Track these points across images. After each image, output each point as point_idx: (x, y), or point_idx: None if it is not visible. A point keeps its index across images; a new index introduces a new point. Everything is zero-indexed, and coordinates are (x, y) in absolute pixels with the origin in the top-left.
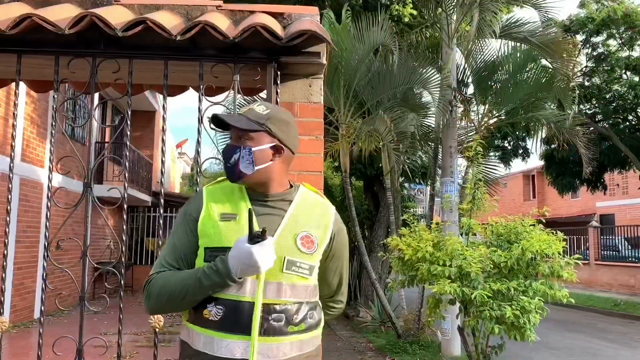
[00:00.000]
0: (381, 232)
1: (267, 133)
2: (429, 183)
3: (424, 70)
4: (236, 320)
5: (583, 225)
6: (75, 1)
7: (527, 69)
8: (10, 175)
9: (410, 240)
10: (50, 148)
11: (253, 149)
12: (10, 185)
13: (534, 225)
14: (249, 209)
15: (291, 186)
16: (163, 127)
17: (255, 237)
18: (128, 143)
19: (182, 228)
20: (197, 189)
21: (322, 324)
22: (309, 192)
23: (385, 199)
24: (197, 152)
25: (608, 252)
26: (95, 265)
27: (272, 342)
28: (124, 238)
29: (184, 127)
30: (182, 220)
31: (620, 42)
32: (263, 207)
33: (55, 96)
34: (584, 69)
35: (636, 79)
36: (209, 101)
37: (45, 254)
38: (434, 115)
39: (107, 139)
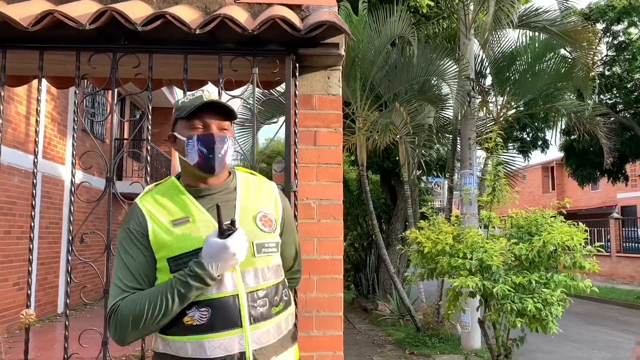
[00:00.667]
0: (399, 226)
1: (231, 123)
2: (447, 176)
3: (442, 62)
4: (224, 317)
5: (604, 217)
6: None
7: (546, 58)
8: (35, 170)
9: (430, 233)
10: (72, 143)
11: (231, 139)
12: (34, 181)
13: (554, 217)
14: (217, 204)
15: (229, 173)
16: None
17: (226, 230)
18: (149, 138)
19: (132, 247)
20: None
21: (292, 301)
22: (246, 175)
23: (402, 192)
24: None
25: (630, 244)
26: None
27: (262, 327)
28: None
29: None
30: (127, 239)
31: None
32: (208, 200)
33: (77, 92)
34: (605, 58)
35: None
36: (229, 95)
37: (70, 248)
38: (451, 107)
39: (125, 136)
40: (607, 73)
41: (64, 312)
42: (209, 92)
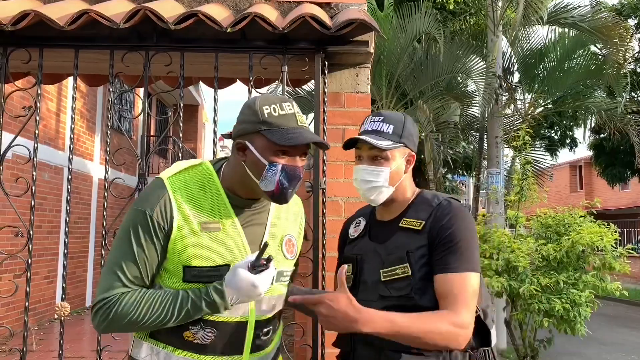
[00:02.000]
0: None
1: None
2: (473, 174)
3: (468, 59)
4: (228, 341)
5: (634, 218)
6: None
7: (576, 55)
8: (70, 166)
9: None
10: (106, 140)
11: None
12: (69, 177)
13: (584, 216)
14: (265, 242)
15: None
16: (214, 119)
17: (259, 266)
18: (181, 135)
19: (147, 240)
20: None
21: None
22: None
23: None
24: None
25: None
26: None
27: (260, 356)
28: None
29: (228, 120)
30: (146, 227)
31: None
32: (245, 214)
33: (111, 90)
34: (637, 54)
35: None
36: (259, 93)
37: (103, 242)
38: (478, 105)
39: (152, 133)
40: (639, 70)
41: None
42: (297, 108)
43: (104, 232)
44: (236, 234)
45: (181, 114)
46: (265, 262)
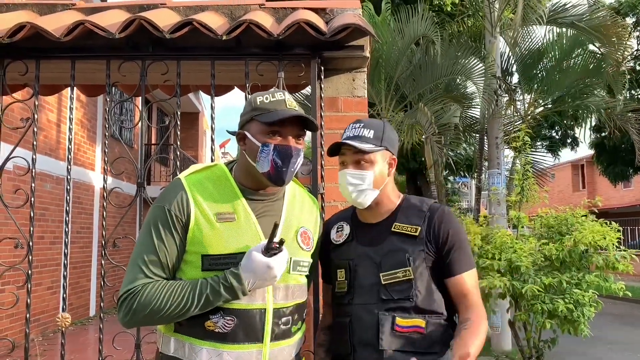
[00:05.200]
0: None
1: None
2: (474, 176)
3: (467, 60)
4: (248, 329)
5: (637, 216)
6: (123, 6)
7: (574, 55)
8: (69, 176)
9: None
10: (104, 150)
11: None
12: (68, 187)
13: (585, 216)
14: (275, 223)
15: None
16: (212, 127)
17: (273, 249)
18: (179, 143)
19: (167, 233)
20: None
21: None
22: (294, 185)
23: (429, 193)
24: None
25: None
26: None
27: (281, 345)
28: None
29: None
30: (165, 221)
31: None
32: (259, 205)
33: (108, 99)
34: (635, 52)
35: None
36: None
37: (103, 252)
38: (478, 106)
39: (153, 141)
40: (638, 68)
41: (97, 316)
42: (289, 96)
43: (103, 242)
44: (250, 223)
45: (178, 122)
46: (278, 245)
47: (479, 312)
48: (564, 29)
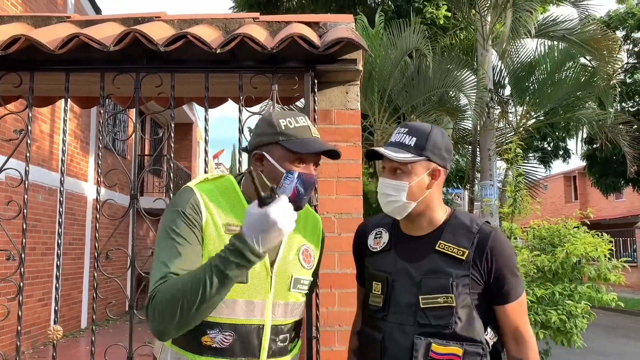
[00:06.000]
0: None
1: None
2: (467, 187)
3: (459, 73)
4: (245, 344)
5: (629, 227)
6: (118, 19)
7: (566, 67)
8: (62, 188)
9: None
10: (97, 162)
11: None
12: (61, 199)
13: (578, 227)
14: (249, 168)
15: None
16: (205, 139)
17: (266, 199)
18: (172, 155)
19: (187, 230)
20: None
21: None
22: None
23: None
24: (239, 163)
25: None
26: (142, 273)
27: None
28: None
29: (221, 138)
30: (181, 222)
31: None
32: None
33: (102, 111)
34: (625, 65)
35: None
36: (249, 112)
37: (96, 264)
38: (470, 118)
39: (146, 152)
40: (628, 81)
41: (90, 328)
42: (309, 122)
43: (96, 254)
44: None
45: (172, 134)
46: (270, 194)
47: (531, 352)
48: (555, 42)
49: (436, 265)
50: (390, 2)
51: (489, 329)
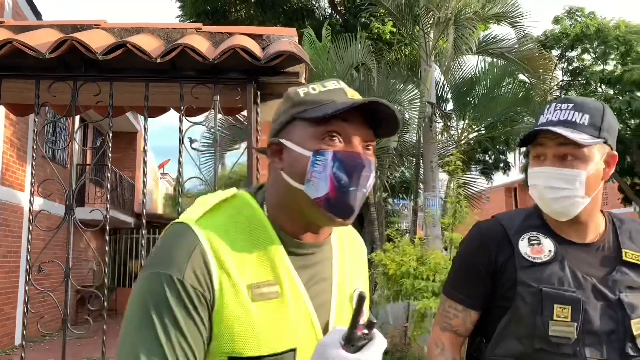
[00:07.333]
0: (366, 248)
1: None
2: (411, 198)
3: (402, 87)
4: None
5: None
6: (56, 26)
7: (505, 83)
8: None
9: (394, 255)
10: (31, 172)
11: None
12: None
13: None
14: (360, 293)
15: None
16: (144, 148)
17: (359, 339)
18: (110, 165)
19: (183, 313)
20: (179, 209)
21: None
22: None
23: (369, 215)
24: (179, 173)
25: None
26: (78, 287)
27: None
28: (106, 260)
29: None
30: (175, 299)
31: (594, 56)
32: (304, 263)
33: (36, 120)
34: (561, 82)
35: (611, 92)
36: (190, 122)
37: (28, 277)
38: (414, 131)
39: (88, 161)
40: (563, 97)
41: (20, 344)
42: (347, 88)
43: (27, 267)
44: (299, 298)
45: (109, 143)
46: (366, 332)
47: None
48: (495, 59)
49: (631, 281)
50: (337, 17)
51: None
